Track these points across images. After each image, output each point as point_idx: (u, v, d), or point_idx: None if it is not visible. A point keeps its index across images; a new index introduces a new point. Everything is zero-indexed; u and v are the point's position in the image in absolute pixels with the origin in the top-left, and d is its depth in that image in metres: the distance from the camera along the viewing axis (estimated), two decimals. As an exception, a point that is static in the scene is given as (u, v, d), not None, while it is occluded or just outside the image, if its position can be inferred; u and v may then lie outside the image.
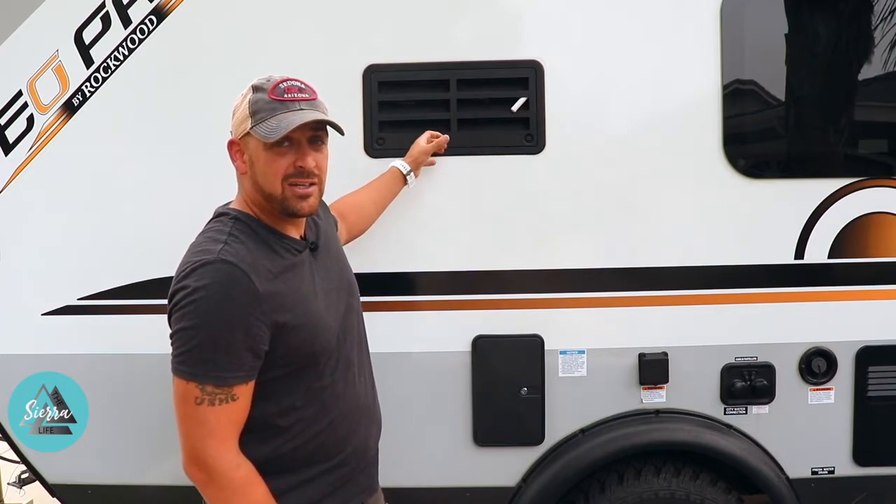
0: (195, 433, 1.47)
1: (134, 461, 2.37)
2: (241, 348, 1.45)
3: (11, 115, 2.26)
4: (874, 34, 2.21)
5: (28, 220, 2.30)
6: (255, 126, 1.51)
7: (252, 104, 1.53)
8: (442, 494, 2.34)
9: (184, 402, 1.46)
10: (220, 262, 1.46)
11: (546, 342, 2.28)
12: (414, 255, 2.29)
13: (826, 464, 2.34)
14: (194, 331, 1.43)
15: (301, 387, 1.57)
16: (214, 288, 1.43)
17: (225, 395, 1.45)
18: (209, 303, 1.43)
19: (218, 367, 1.44)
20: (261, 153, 1.53)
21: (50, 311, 2.30)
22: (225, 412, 1.46)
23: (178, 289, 1.47)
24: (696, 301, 2.28)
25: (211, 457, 1.46)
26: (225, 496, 1.48)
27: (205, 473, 1.48)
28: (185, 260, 1.52)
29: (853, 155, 2.28)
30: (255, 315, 1.45)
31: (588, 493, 2.33)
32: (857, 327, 2.29)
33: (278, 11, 2.23)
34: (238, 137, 1.57)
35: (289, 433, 1.57)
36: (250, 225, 1.58)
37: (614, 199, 2.27)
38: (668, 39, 2.22)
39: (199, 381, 1.44)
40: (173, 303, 1.47)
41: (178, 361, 1.46)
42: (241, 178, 1.62)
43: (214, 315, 1.43)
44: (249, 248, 1.52)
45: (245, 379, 1.47)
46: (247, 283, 1.45)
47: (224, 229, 1.55)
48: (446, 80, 2.22)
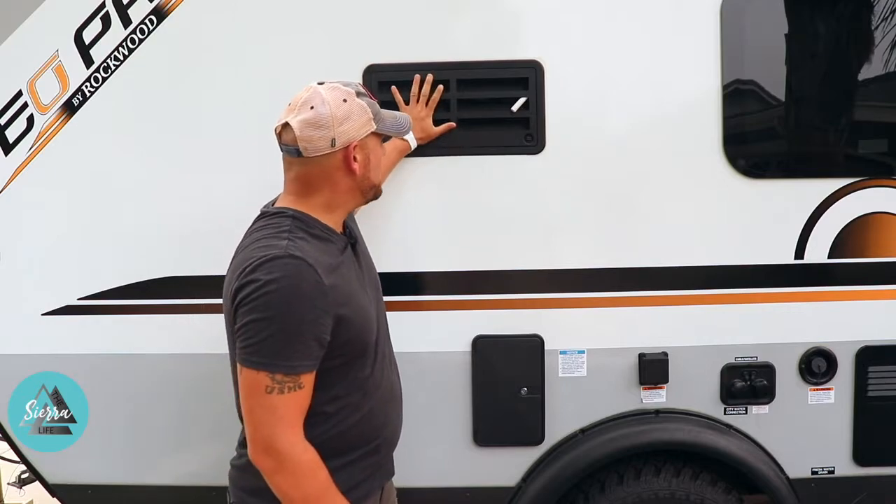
0: (266, 421, 1.52)
1: (134, 461, 2.37)
2: (309, 339, 1.51)
3: (11, 115, 2.26)
4: (874, 34, 2.21)
5: (28, 219, 2.30)
6: (381, 125, 1.66)
7: (371, 106, 1.65)
8: (442, 494, 2.34)
9: (254, 391, 1.51)
10: (289, 256, 1.51)
11: (546, 342, 2.28)
12: (414, 255, 2.29)
13: (826, 464, 2.34)
14: (266, 322, 1.49)
15: (349, 376, 1.64)
16: (285, 281, 1.49)
17: (293, 384, 1.51)
18: (280, 296, 1.49)
19: (288, 356, 1.50)
20: (378, 149, 1.70)
21: (50, 311, 2.31)
22: (294, 399, 1.52)
23: (246, 282, 1.51)
24: (696, 301, 2.28)
25: (282, 442, 1.52)
26: (295, 480, 1.53)
27: (275, 460, 1.53)
28: (247, 255, 1.56)
29: (853, 155, 2.28)
30: (321, 307, 1.52)
31: (588, 493, 2.33)
32: (857, 327, 2.29)
33: (278, 11, 2.23)
34: (360, 138, 1.64)
35: (334, 419, 1.63)
36: (307, 223, 1.63)
37: (614, 199, 2.27)
38: (668, 39, 2.22)
39: (270, 370, 1.49)
40: (242, 296, 1.51)
41: (249, 352, 1.51)
42: (342, 179, 1.66)
43: (286, 307, 1.49)
44: (311, 244, 1.58)
45: (311, 368, 1.54)
46: (314, 276, 1.51)
47: (283, 226, 1.60)
48: (446, 80, 2.22)
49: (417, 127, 2.21)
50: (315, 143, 1.59)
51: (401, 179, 2.25)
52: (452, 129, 2.23)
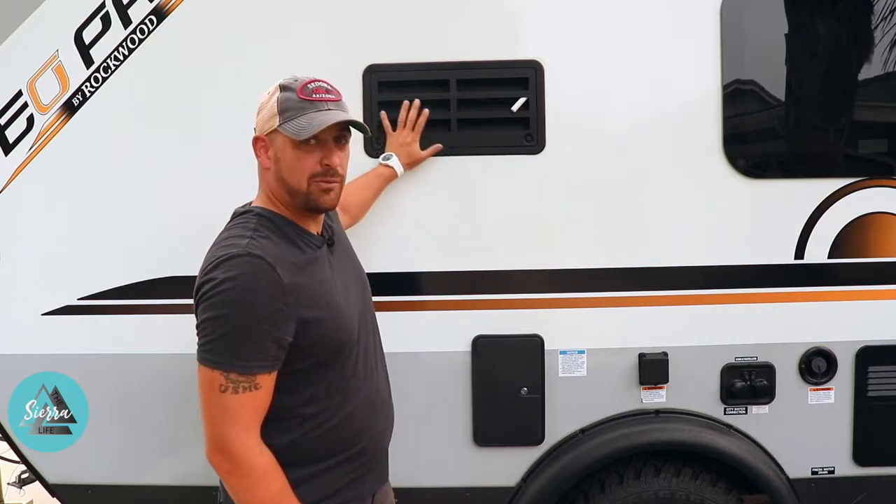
0: (219, 420, 1.50)
1: (134, 461, 2.37)
2: (265, 338, 1.48)
3: (11, 115, 2.26)
4: (874, 34, 2.21)
5: (28, 220, 2.30)
6: (284, 123, 1.55)
7: (281, 102, 1.56)
8: (442, 494, 2.34)
9: (209, 389, 1.50)
10: (248, 255, 1.49)
11: (546, 342, 2.28)
12: (414, 255, 2.29)
13: (826, 464, 2.34)
14: (221, 321, 1.47)
15: (325, 378, 1.60)
16: (242, 279, 1.47)
17: (248, 384, 1.48)
18: (236, 294, 1.47)
19: (242, 356, 1.47)
20: (287, 150, 1.57)
21: (50, 311, 2.30)
22: (248, 400, 1.49)
23: (205, 281, 1.51)
24: (696, 301, 2.28)
25: (234, 444, 1.49)
26: (248, 483, 1.51)
27: (228, 461, 1.50)
28: (210, 255, 1.56)
29: (853, 155, 2.28)
30: (280, 307, 1.49)
31: (588, 493, 2.33)
32: (857, 327, 2.29)
33: (278, 11, 2.23)
34: (264, 134, 1.60)
35: (311, 423, 1.60)
36: (274, 221, 1.61)
37: (614, 199, 2.27)
38: (669, 39, 2.22)
39: (223, 369, 1.47)
40: (200, 294, 1.51)
41: (205, 350, 1.50)
42: (264, 174, 1.65)
43: (241, 305, 1.47)
44: (275, 243, 1.56)
45: (268, 369, 1.51)
46: (273, 275, 1.48)
47: (249, 225, 1.58)
48: (446, 80, 2.22)
49: (404, 152, 2.20)
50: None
51: (401, 179, 2.25)
52: (438, 150, 2.22)
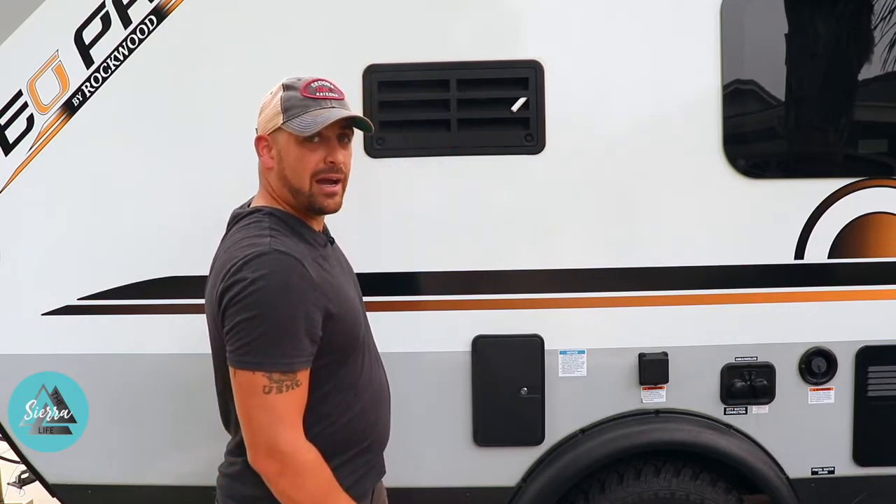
0: (266, 424, 1.47)
1: (134, 461, 2.37)
2: (302, 334, 1.47)
3: (11, 115, 2.26)
4: (874, 34, 2.21)
5: (28, 219, 2.30)
6: (288, 122, 1.55)
7: (284, 101, 1.56)
8: (442, 494, 2.34)
9: (251, 393, 1.47)
10: (274, 251, 1.48)
11: (546, 342, 2.28)
12: (414, 255, 2.29)
13: (826, 464, 2.34)
14: (257, 320, 1.44)
15: (339, 374, 1.60)
16: (273, 277, 1.45)
17: (291, 382, 1.47)
18: (269, 292, 1.45)
19: (284, 353, 1.46)
20: (291, 148, 1.57)
21: (50, 311, 2.30)
22: (293, 398, 1.48)
23: (233, 282, 1.47)
24: (696, 301, 2.28)
25: (284, 444, 1.47)
26: (301, 481, 1.49)
27: (279, 463, 1.48)
28: (228, 257, 1.52)
29: (853, 155, 2.29)
30: (311, 301, 1.49)
31: (588, 493, 2.33)
32: (857, 327, 2.29)
33: (278, 11, 2.23)
34: (267, 133, 1.60)
35: (328, 419, 1.60)
36: (284, 219, 1.60)
37: (614, 199, 2.27)
38: (669, 39, 2.22)
39: (266, 369, 1.45)
40: (230, 296, 1.47)
41: (243, 353, 1.46)
42: (266, 174, 1.64)
43: (276, 303, 1.45)
44: (292, 240, 1.55)
45: (306, 365, 1.50)
46: (302, 270, 1.48)
47: (263, 224, 1.57)
48: (446, 80, 2.22)
49: None
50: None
51: (401, 179, 2.25)
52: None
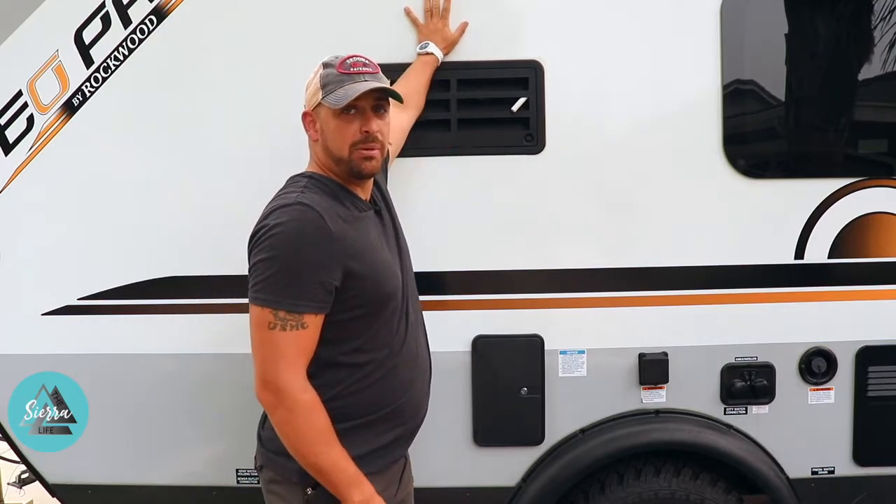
0: (267, 356, 1.60)
1: (134, 461, 2.37)
2: (313, 280, 1.59)
3: (11, 115, 2.26)
4: (874, 34, 2.21)
5: (28, 219, 2.30)
6: (326, 97, 1.68)
7: (323, 78, 1.70)
8: (442, 494, 2.34)
9: (258, 327, 1.60)
10: (298, 203, 1.62)
11: (546, 342, 2.28)
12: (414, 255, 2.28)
13: (826, 464, 2.34)
14: (271, 261, 1.58)
15: (371, 329, 1.70)
16: (291, 224, 1.59)
17: (296, 322, 1.59)
18: (285, 237, 1.59)
19: (291, 294, 1.58)
20: (331, 120, 1.70)
21: (50, 311, 2.30)
22: (295, 338, 1.59)
23: (258, 228, 1.63)
24: (696, 301, 2.28)
25: (280, 379, 1.59)
26: (291, 417, 1.60)
27: (273, 395, 1.60)
28: (265, 210, 1.68)
29: (853, 155, 2.28)
30: (326, 251, 1.60)
31: (588, 493, 2.33)
32: (857, 327, 2.28)
33: (278, 11, 2.23)
34: (311, 109, 1.74)
35: (358, 374, 1.69)
36: (322, 181, 1.73)
37: (614, 199, 2.27)
38: (668, 39, 2.22)
39: (272, 306, 1.58)
40: (254, 240, 1.63)
41: (256, 290, 1.60)
42: (313, 146, 1.78)
43: (290, 247, 1.59)
44: (322, 198, 1.67)
45: (316, 310, 1.61)
46: (320, 222, 1.60)
47: (299, 184, 1.71)
48: (446, 80, 2.22)
49: (438, 38, 2.21)
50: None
51: (401, 179, 2.25)
52: (466, 25, 2.23)
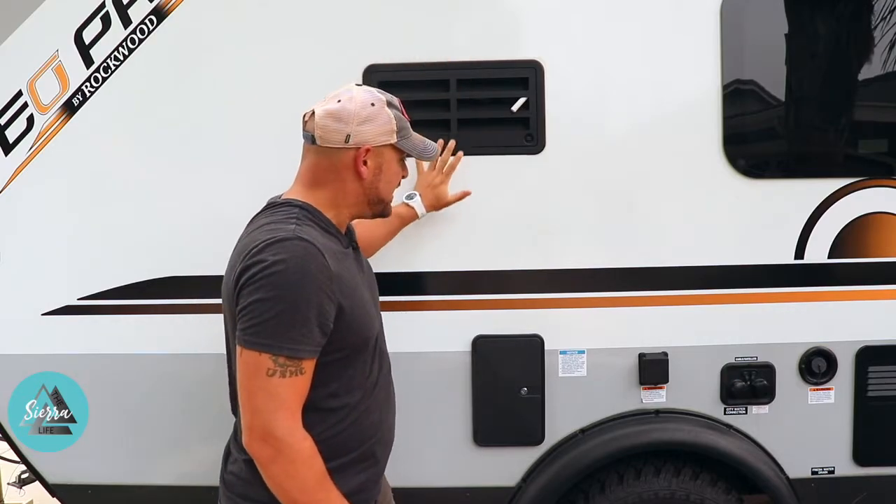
0: (266, 406, 1.48)
1: (134, 461, 2.37)
2: (313, 323, 1.48)
3: (11, 115, 2.26)
4: (874, 34, 2.21)
5: (28, 219, 2.30)
6: (402, 141, 1.67)
7: (398, 120, 1.65)
8: (442, 494, 2.34)
9: (255, 374, 1.47)
10: (298, 238, 1.50)
11: (546, 342, 2.28)
12: (414, 255, 2.29)
13: (826, 464, 2.34)
14: (271, 302, 1.46)
15: (348, 373, 1.62)
16: (293, 262, 1.47)
17: (296, 368, 1.48)
18: (287, 276, 1.46)
19: (292, 339, 1.47)
20: (394, 164, 1.70)
21: (50, 311, 2.30)
22: (295, 384, 1.49)
23: (252, 262, 1.49)
24: (696, 301, 2.28)
25: (281, 429, 1.48)
26: (293, 468, 1.50)
27: (272, 447, 1.49)
28: (251, 239, 1.55)
29: (853, 155, 2.28)
30: (327, 292, 1.50)
31: (588, 493, 2.33)
32: (857, 327, 2.29)
33: (279, 11, 2.23)
34: (376, 146, 1.64)
35: (330, 419, 1.60)
36: (316, 215, 1.63)
37: (614, 199, 2.27)
38: (668, 39, 2.22)
39: (273, 352, 1.46)
40: (247, 276, 1.49)
41: (252, 333, 1.47)
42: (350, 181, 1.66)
43: (292, 288, 1.46)
44: (319, 232, 1.59)
45: (312, 354, 1.51)
46: (322, 260, 1.50)
47: (292, 214, 1.60)
48: (446, 80, 2.22)
49: (431, 194, 2.20)
50: (329, 134, 1.60)
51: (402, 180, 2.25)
52: (468, 195, 2.23)
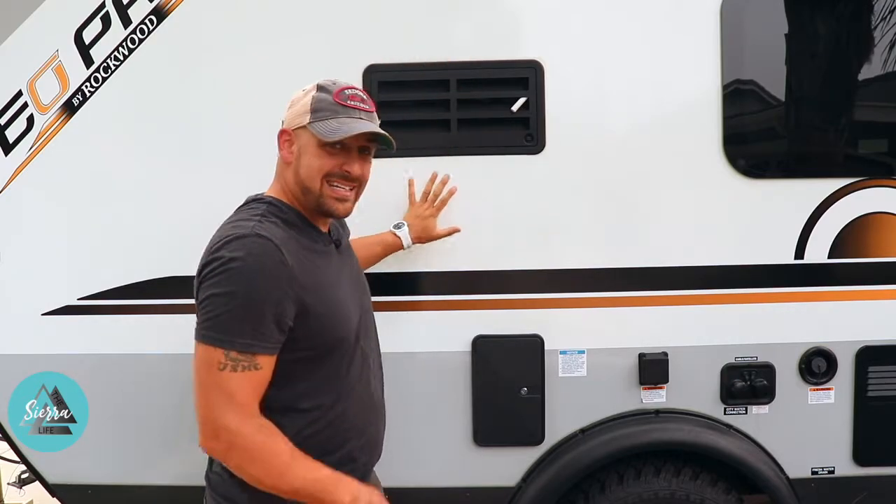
0: (217, 400, 1.48)
1: (134, 461, 2.37)
2: (268, 319, 1.48)
3: (11, 115, 2.26)
4: (874, 34, 2.21)
5: (28, 220, 2.30)
6: (314, 122, 1.57)
7: (315, 101, 1.59)
8: (442, 494, 2.34)
9: (206, 368, 1.48)
10: (255, 235, 1.50)
11: (546, 342, 2.28)
12: (414, 255, 2.28)
13: (826, 464, 2.34)
14: (226, 297, 1.46)
15: (319, 373, 1.60)
16: (249, 259, 1.47)
17: (248, 363, 1.48)
18: (242, 272, 1.47)
19: (245, 334, 1.46)
20: (311, 148, 1.59)
21: (50, 311, 2.30)
22: (248, 379, 1.48)
23: (210, 259, 1.50)
24: (696, 301, 2.28)
25: (231, 422, 1.47)
26: (250, 458, 1.49)
27: (225, 442, 1.49)
28: (217, 236, 1.56)
29: (853, 155, 2.28)
30: (283, 289, 1.49)
31: (588, 493, 2.33)
32: (857, 327, 2.29)
33: (279, 11, 2.23)
34: (292, 128, 1.62)
35: (304, 419, 1.58)
36: (283, 209, 1.62)
37: (614, 199, 2.27)
38: (668, 39, 2.22)
39: (224, 346, 1.46)
40: (206, 272, 1.50)
41: (205, 328, 1.48)
42: (284, 168, 1.66)
43: (247, 284, 1.46)
44: (281, 228, 1.57)
45: (269, 351, 1.50)
46: (279, 256, 1.49)
47: (257, 210, 1.60)
48: (446, 80, 2.22)
49: (419, 225, 2.18)
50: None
51: (401, 180, 2.25)
52: (457, 231, 2.22)
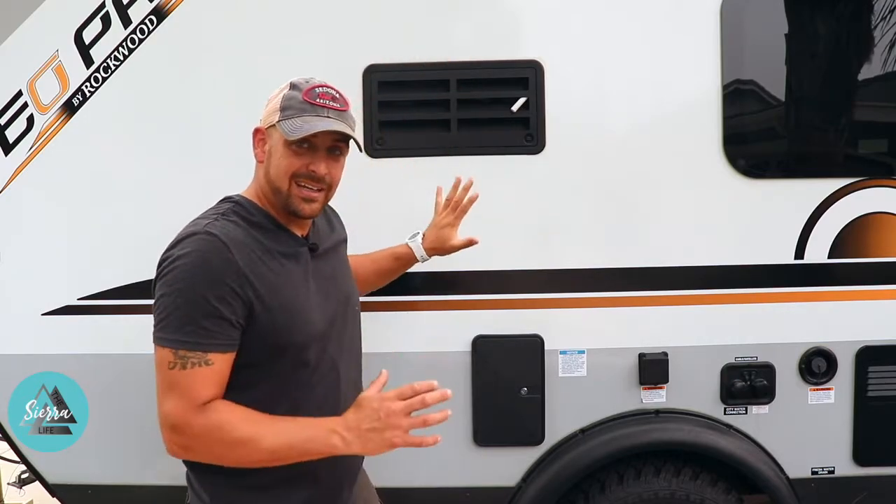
0: (168, 398, 1.47)
1: (134, 461, 2.37)
2: (214, 315, 1.46)
3: (11, 115, 2.26)
4: (874, 34, 2.21)
5: (28, 220, 2.30)
6: (282, 121, 1.56)
7: (285, 99, 1.57)
8: (442, 494, 2.34)
9: (160, 369, 1.48)
10: (204, 233, 1.50)
11: (546, 342, 2.28)
12: (414, 255, 2.29)
13: (826, 464, 2.34)
14: (171, 297, 1.47)
15: (272, 381, 1.55)
16: (193, 256, 1.47)
17: (198, 360, 1.46)
18: (186, 269, 1.46)
19: (191, 332, 1.45)
20: (279, 147, 1.58)
21: (50, 311, 2.30)
22: (199, 375, 1.46)
23: (162, 259, 1.52)
24: (696, 301, 2.28)
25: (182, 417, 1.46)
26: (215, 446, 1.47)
27: (180, 435, 1.47)
28: (177, 236, 1.56)
29: (853, 155, 2.28)
30: (231, 286, 1.47)
31: (588, 493, 2.33)
32: (857, 327, 2.29)
33: (279, 11, 2.23)
34: (264, 127, 1.62)
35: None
36: (248, 209, 1.61)
37: (614, 199, 2.27)
38: (668, 39, 2.22)
39: (173, 346, 1.46)
40: (158, 271, 1.52)
41: (156, 329, 1.50)
42: (258, 167, 1.66)
43: (190, 280, 1.46)
44: (241, 228, 1.56)
45: (221, 348, 1.48)
46: (226, 255, 1.48)
47: (219, 210, 1.60)
48: (446, 80, 2.22)
49: (433, 234, 2.07)
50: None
51: (401, 180, 2.25)
52: (474, 243, 2.09)
